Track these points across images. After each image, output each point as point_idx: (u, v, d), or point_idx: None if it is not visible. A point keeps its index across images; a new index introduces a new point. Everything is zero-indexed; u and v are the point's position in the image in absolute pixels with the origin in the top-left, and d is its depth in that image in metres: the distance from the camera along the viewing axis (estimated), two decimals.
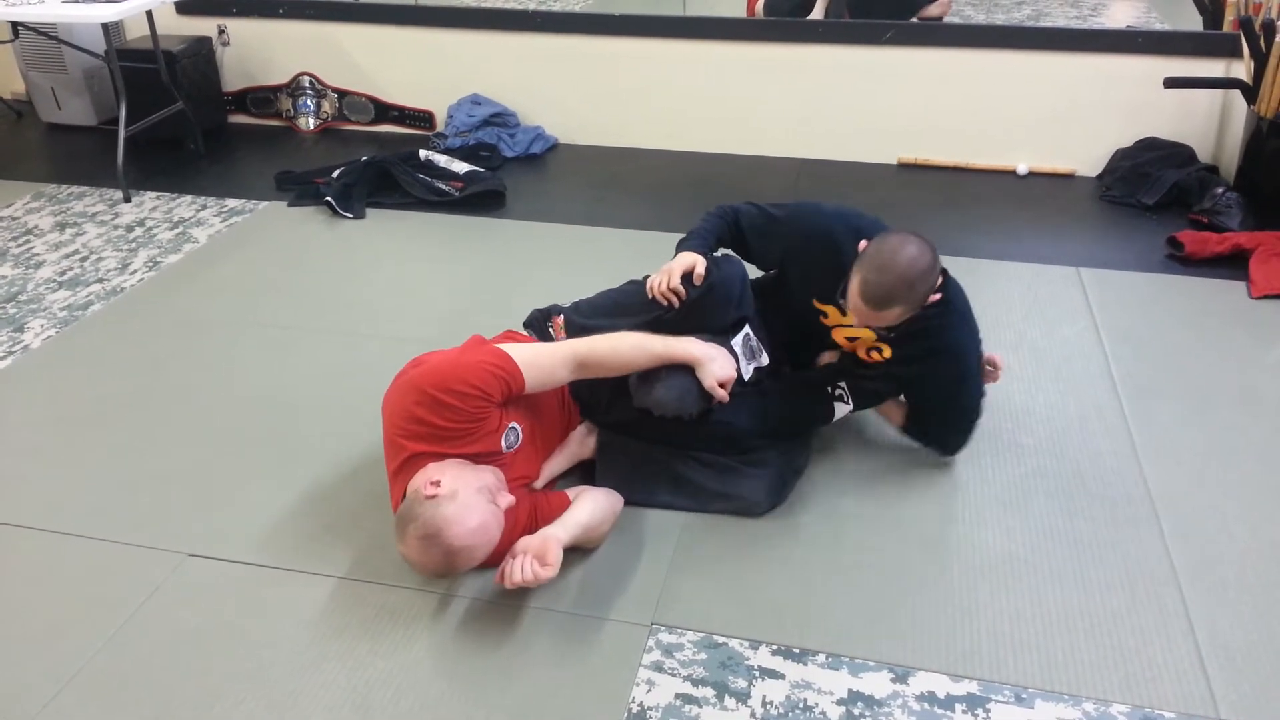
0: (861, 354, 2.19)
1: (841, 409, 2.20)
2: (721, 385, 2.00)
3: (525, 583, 1.73)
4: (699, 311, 2.10)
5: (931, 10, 4.17)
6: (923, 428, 2.28)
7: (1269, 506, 2.11)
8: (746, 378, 2.16)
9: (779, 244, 2.20)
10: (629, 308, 2.19)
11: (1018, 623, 1.82)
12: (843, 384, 2.21)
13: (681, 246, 2.17)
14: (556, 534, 1.82)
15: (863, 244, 1.98)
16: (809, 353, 2.31)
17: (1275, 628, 1.81)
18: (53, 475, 2.24)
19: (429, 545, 1.70)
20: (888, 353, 2.15)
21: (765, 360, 2.20)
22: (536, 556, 1.75)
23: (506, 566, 1.75)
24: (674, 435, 2.10)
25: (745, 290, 2.17)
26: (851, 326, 2.13)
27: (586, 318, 2.22)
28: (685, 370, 1.99)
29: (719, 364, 2.00)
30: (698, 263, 2.09)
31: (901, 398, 2.26)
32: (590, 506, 1.96)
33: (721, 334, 2.12)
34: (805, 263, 2.17)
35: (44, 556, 2.00)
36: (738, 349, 2.13)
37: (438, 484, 1.73)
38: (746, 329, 2.17)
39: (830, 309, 2.16)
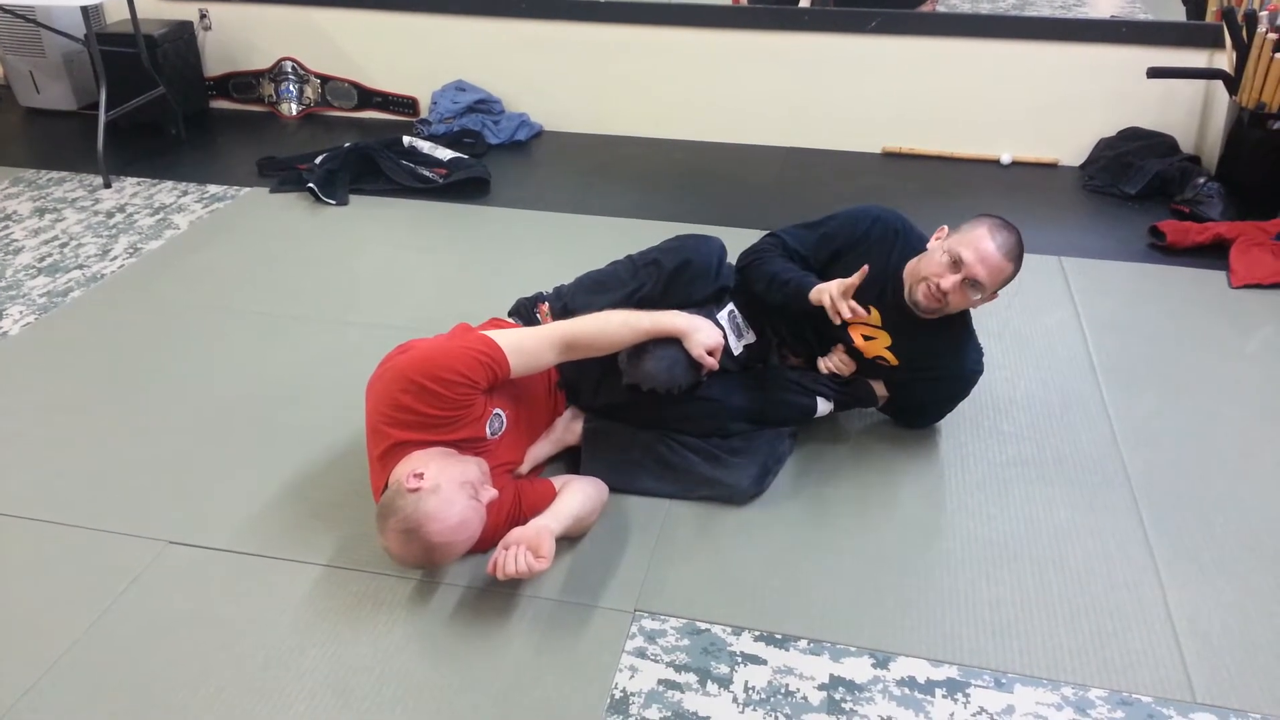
0: (868, 355, 2.20)
1: (824, 406, 2.22)
2: (710, 354, 2.01)
3: (519, 574, 1.72)
4: (679, 285, 2.12)
5: (923, 8, 4.18)
6: (901, 414, 2.32)
7: (1247, 494, 2.13)
8: (736, 353, 2.17)
9: (832, 248, 2.18)
10: (610, 285, 2.20)
11: (997, 608, 1.84)
12: (825, 381, 2.22)
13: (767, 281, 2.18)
14: (549, 525, 1.82)
15: (943, 229, 2.07)
16: (817, 342, 2.28)
17: (1251, 614, 1.83)
18: (32, 463, 2.22)
19: (409, 539, 1.70)
20: (895, 361, 2.16)
21: (753, 338, 2.22)
22: (530, 548, 1.74)
23: (499, 557, 1.74)
24: (662, 415, 2.11)
25: (723, 264, 2.19)
26: (869, 326, 2.15)
27: (569, 299, 2.23)
28: (673, 342, 2.01)
29: (705, 333, 2.02)
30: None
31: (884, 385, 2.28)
32: (580, 496, 1.96)
33: (705, 307, 2.14)
34: (850, 262, 2.15)
35: (23, 544, 1.99)
36: (724, 324, 2.15)
37: (421, 476, 1.72)
38: (731, 306, 2.19)
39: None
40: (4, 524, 2.04)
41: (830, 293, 2.00)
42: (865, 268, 2.00)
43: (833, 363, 2.22)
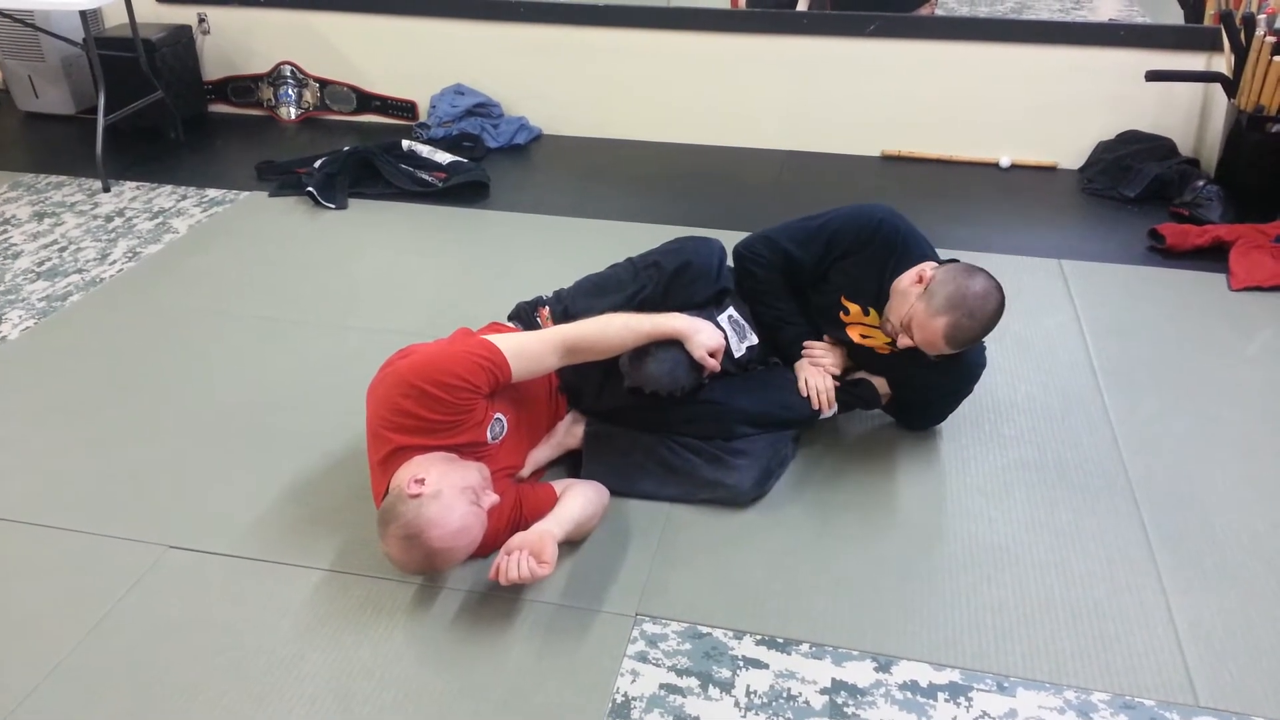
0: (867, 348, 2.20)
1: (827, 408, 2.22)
2: (711, 355, 2.01)
3: (521, 580, 1.71)
4: (679, 286, 2.13)
5: (921, 11, 4.18)
6: (904, 413, 2.31)
7: (1248, 497, 2.13)
8: (738, 355, 2.17)
9: (837, 252, 2.18)
10: (610, 288, 2.20)
11: (1000, 612, 1.83)
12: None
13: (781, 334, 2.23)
14: (551, 530, 1.81)
15: (926, 271, 2.01)
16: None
17: (1253, 616, 1.83)
18: (31, 467, 2.22)
19: (410, 545, 1.70)
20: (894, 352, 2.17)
21: (755, 340, 2.22)
22: (533, 554, 1.73)
23: (502, 563, 1.73)
24: (665, 418, 2.11)
25: (724, 266, 2.20)
26: (867, 326, 2.16)
27: (569, 302, 2.22)
28: (674, 344, 2.01)
29: (706, 334, 2.02)
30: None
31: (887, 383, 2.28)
32: (581, 501, 1.96)
33: (705, 309, 2.14)
34: (852, 264, 2.16)
35: (23, 549, 1.98)
36: (725, 326, 2.15)
37: (422, 482, 1.72)
38: (731, 308, 2.19)
39: (853, 306, 2.17)
40: (4, 528, 2.04)
41: (818, 388, 2.15)
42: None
43: (816, 383, 2.20)
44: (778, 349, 2.25)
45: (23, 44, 4.29)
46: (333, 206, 3.54)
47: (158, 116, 4.16)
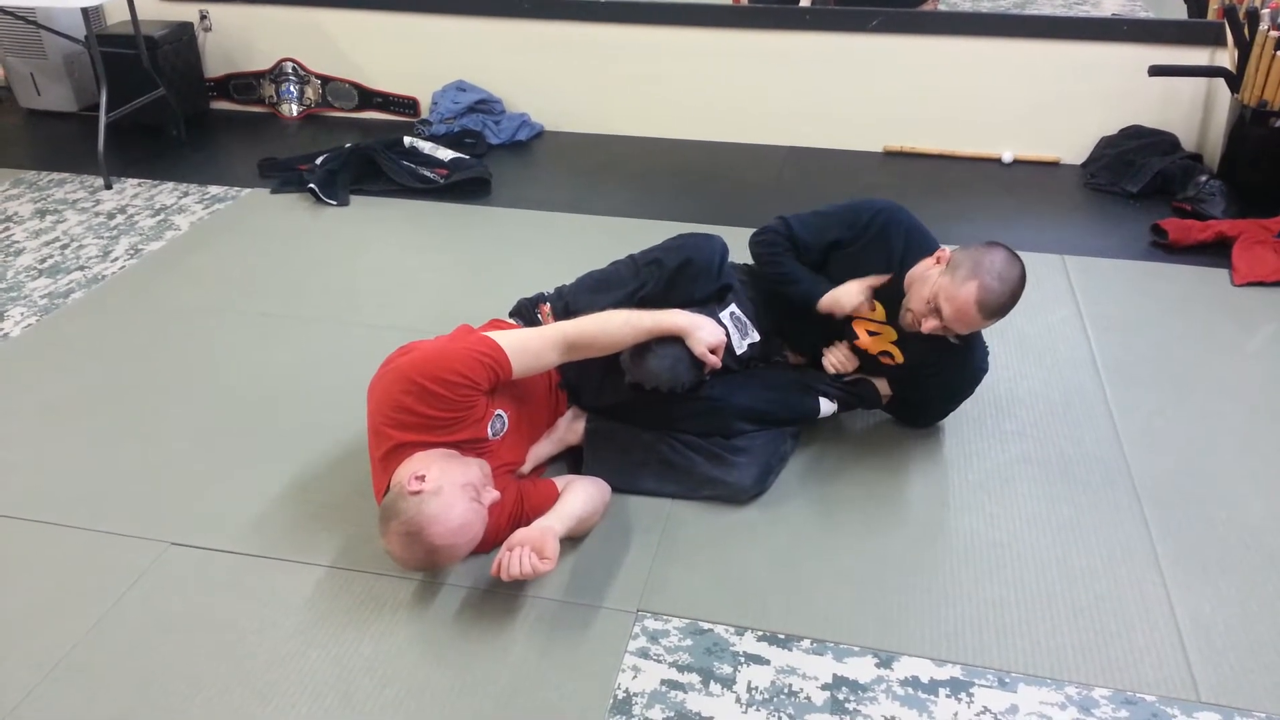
0: (873, 351, 2.20)
1: (827, 407, 2.21)
2: (712, 351, 2.01)
3: (523, 575, 1.72)
4: (681, 283, 2.12)
5: (924, 7, 4.18)
6: (904, 412, 2.31)
7: (1250, 492, 2.13)
8: (740, 352, 2.17)
9: (830, 237, 2.18)
10: (611, 284, 2.20)
11: (1001, 608, 1.83)
12: (829, 381, 2.22)
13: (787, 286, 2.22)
14: (553, 526, 1.81)
15: (944, 252, 2.03)
16: (817, 338, 2.29)
17: (1255, 612, 1.82)
18: (34, 464, 2.22)
19: (411, 542, 1.70)
20: (900, 358, 2.16)
21: (756, 337, 2.21)
22: (535, 549, 1.73)
23: (503, 559, 1.74)
24: (666, 414, 2.11)
25: (725, 263, 2.20)
26: (873, 322, 2.15)
27: (571, 299, 2.22)
28: (675, 341, 2.01)
29: (707, 330, 2.02)
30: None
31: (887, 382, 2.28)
32: (583, 497, 1.96)
33: (707, 306, 2.14)
34: (853, 254, 2.17)
35: (25, 546, 1.99)
36: (727, 323, 2.15)
37: (422, 479, 1.72)
38: (733, 305, 2.19)
39: None
40: (6, 525, 2.04)
41: (840, 300, 2.11)
42: (889, 276, 2.08)
43: (835, 358, 2.22)
44: (796, 302, 2.20)
45: (25, 41, 4.29)
46: (334, 203, 3.54)
47: (160, 113, 4.16)
